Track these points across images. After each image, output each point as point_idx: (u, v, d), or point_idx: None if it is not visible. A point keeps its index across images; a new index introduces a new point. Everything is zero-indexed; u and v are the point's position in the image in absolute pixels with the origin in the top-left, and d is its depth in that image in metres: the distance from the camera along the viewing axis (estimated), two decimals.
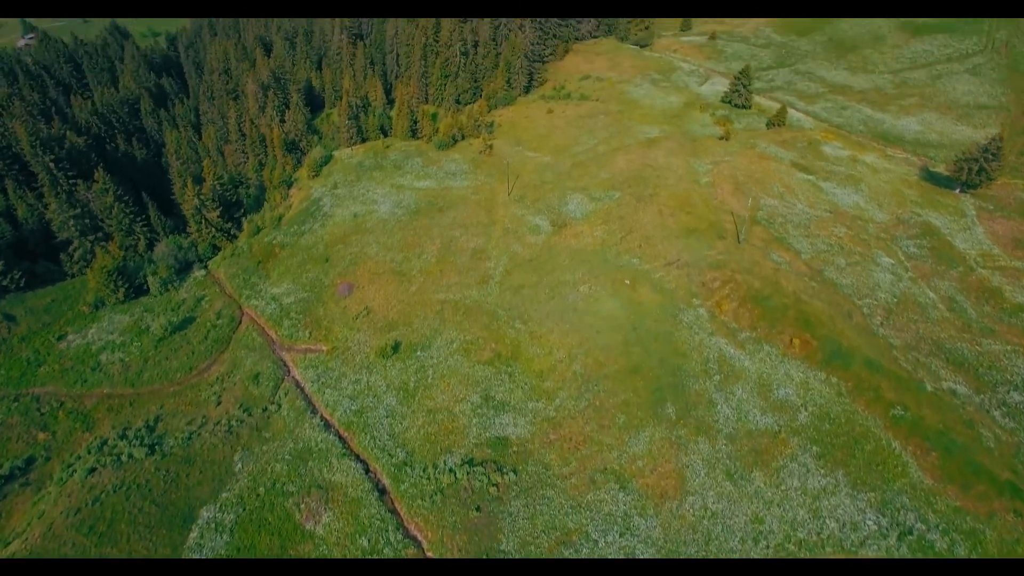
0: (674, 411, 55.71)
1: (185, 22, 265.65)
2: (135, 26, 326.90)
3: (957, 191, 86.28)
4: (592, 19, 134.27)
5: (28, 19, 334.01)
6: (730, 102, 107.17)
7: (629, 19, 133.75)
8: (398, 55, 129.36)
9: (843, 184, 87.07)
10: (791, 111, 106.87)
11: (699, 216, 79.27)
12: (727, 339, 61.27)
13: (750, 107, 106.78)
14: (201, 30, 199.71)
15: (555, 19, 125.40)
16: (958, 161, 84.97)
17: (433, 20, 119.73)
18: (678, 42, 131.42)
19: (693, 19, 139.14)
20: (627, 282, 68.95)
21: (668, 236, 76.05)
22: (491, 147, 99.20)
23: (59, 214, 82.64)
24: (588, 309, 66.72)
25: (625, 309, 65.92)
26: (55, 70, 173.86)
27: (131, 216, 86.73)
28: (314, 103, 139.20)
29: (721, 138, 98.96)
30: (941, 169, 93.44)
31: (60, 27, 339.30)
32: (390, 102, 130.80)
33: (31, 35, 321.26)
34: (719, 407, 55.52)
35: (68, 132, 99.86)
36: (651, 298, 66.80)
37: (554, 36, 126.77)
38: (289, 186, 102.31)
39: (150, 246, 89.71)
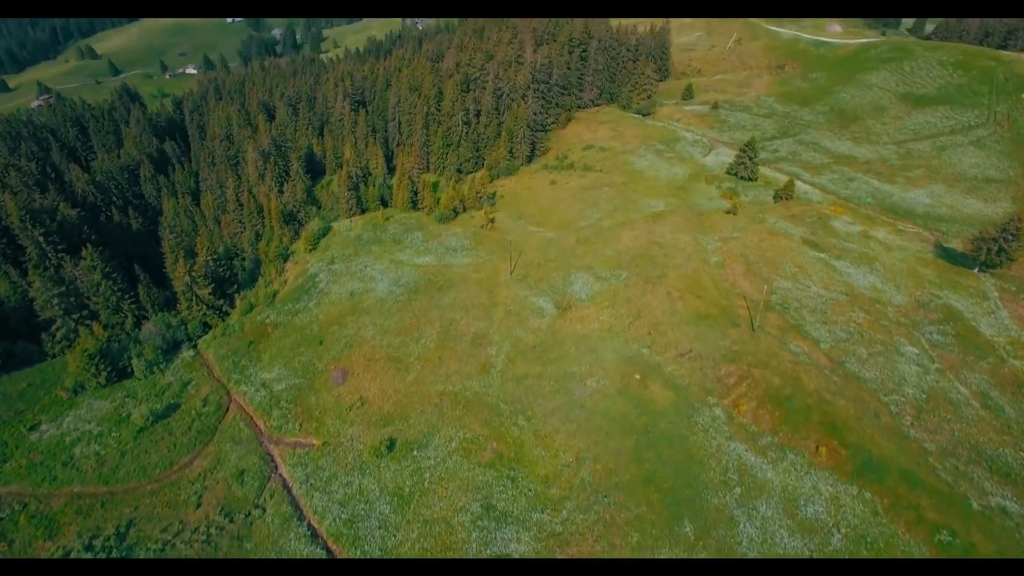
0: (692, 530, 50.71)
1: (192, 84, 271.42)
2: (145, 87, 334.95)
3: (976, 271, 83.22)
4: (594, 87, 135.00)
5: (43, 81, 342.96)
6: (736, 174, 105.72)
7: (631, 87, 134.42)
8: (400, 123, 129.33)
9: (857, 263, 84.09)
10: (798, 183, 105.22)
11: (710, 300, 75.89)
12: (747, 444, 56.73)
13: (756, 179, 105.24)
14: (207, 93, 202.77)
15: (558, 87, 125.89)
16: (976, 240, 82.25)
17: (435, 91, 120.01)
18: (680, 111, 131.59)
19: (694, 88, 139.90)
20: (637, 377, 64.89)
21: (678, 322, 72.44)
22: (493, 221, 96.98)
23: (43, 292, 79.46)
24: (596, 407, 62.42)
25: (636, 408, 61.62)
26: (61, 133, 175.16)
27: (119, 294, 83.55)
28: (315, 169, 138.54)
29: (728, 212, 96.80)
30: (955, 245, 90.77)
31: (73, 88, 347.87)
32: (391, 170, 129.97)
33: (45, 96, 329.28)
34: (741, 526, 50.53)
35: (61, 204, 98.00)
36: (663, 395, 62.59)
37: (556, 105, 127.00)
38: (285, 259, 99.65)
39: (138, 324, 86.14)
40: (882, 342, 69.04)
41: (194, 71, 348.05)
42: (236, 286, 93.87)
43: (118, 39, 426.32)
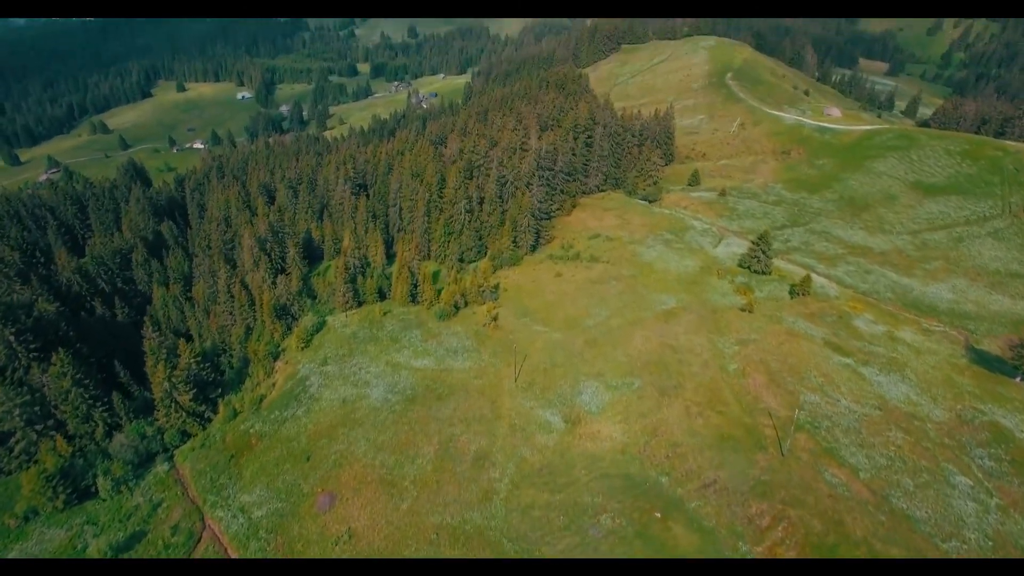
0: None
1: (199, 160, 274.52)
2: (152, 161, 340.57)
3: (1018, 380, 77.09)
4: (599, 172, 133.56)
5: (53, 156, 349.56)
6: (749, 267, 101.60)
7: (637, 172, 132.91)
8: (401, 208, 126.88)
9: (886, 369, 78.17)
10: (814, 275, 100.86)
11: (732, 417, 69.49)
12: None
13: (770, 273, 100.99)
14: (210, 171, 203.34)
15: (563, 174, 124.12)
16: (1016, 347, 76.65)
17: (438, 178, 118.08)
18: (688, 198, 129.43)
19: (700, 173, 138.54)
20: (657, 515, 57.64)
21: (700, 445, 65.75)
22: (496, 319, 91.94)
23: (3, 401, 73.23)
24: (612, 552, 54.86)
25: (658, 555, 54.06)
26: (61, 211, 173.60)
27: (90, 402, 77.27)
28: (313, 255, 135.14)
29: (743, 309, 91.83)
30: (988, 347, 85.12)
31: (82, 162, 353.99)
32: (390, 256, 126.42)
33: (54, 170, 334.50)
34: None
35: (40, 299, 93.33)
36: (688, 539, 55.18)
37: (561, 191, 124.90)
38: (276, 358, 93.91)
39: (109, 433, 79.37)
40: (928, 470, 62.08)
41: (201, 146, 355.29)
42: (220, 389, 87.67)
43: (131, 114, 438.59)
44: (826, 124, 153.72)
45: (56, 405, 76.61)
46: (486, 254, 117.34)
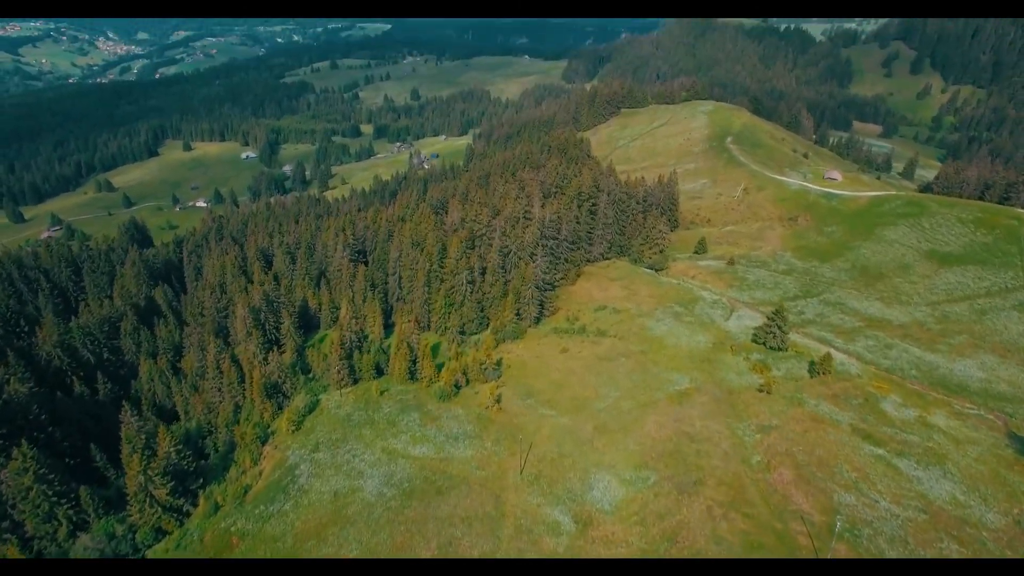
0: None
1: (196, 222, 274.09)
2: (155, 219, 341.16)
3: None
4: (604, 240, 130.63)
5: (56, 213, 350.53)
6: (764, 343, 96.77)
7: (642, 240, 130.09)
8: (400, 278, 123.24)
9: (924, 462, 72.04)
10: (831, 350, 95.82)
11: (760, 520, 63.04)
12: None
13: (786, 349, 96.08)
14: (209, 233, 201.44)
15: (567, 243, 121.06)
16: None
17: (439, 247, 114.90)
18: (695, 266, 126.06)
19: (707, 240, 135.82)
20: None
21: (726, 553, 59.05)
22: (499, 401, 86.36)
23: None
24: None
25: None
26: (55, 274, 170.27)
27: (53, 499, 70.68)
28: (309, 324, 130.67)
29: (761, 390, 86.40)
30: None
31: (85, 220, 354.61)
32: (389, 326, 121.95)
33: (56, 227, 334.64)
34: None
35: (13, 378, 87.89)
36: None
37: (565, 260, 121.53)
38: (264, 442, 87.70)
39: (75, 532, 72.37)
40: None
41: (204, 204, 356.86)
42: (202, 479, 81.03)
43: (137, 173, 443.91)
44: (833, 190, 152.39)
45: (14, 504, 69.96)
46: (488, 326, 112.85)
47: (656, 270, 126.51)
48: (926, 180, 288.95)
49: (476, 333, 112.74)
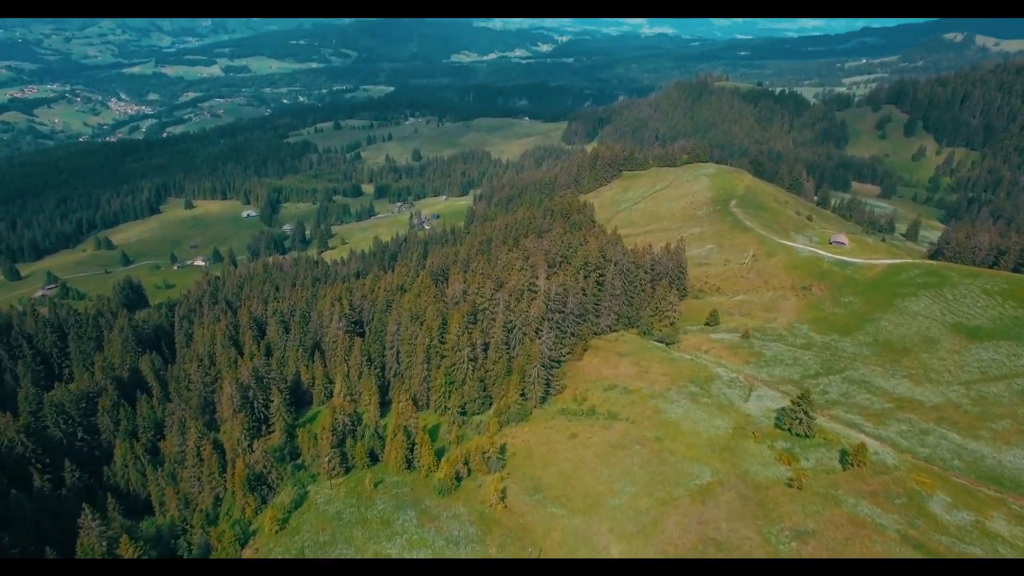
0: None
1: (193, 281, 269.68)
2: (151, 278, 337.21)
3: None
4: (611, 312, 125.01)
5: (52, 271, 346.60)
6: (789, 429, 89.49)
7: (651, 312, 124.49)
8: (398, 352, 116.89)
9: None
10: (863, 436, 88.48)
11: None
12: None
13: (814, 435, 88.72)
14: (203, 296, 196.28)
15: (573, 316, 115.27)
16: None
17: (439, 321, 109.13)
18: (708, 340, 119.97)
19: (719, 312, 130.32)
20: None
21: None
22: (504, 498, 78.41)
23: None
24: None
25: None
26: (38, 340, 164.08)
27: None
28: (301, 398, 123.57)
29: (790, 484, 78.61)
30: None
31: (81, 278, 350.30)
32: (385, 403, 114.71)
33: (51, 286, 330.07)
34: None
35: None
36: None
37: (572, 334, 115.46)
38: (243, 544, 79.05)
39: None
40: None
41: (202, 263, 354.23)
42: None
43: (137, 230, 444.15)
44: (845, 257, 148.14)
45: None
46: (491, 406, 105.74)
47: (667, 344, 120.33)
48: (930, 241, 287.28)
49: (478, 413, 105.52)
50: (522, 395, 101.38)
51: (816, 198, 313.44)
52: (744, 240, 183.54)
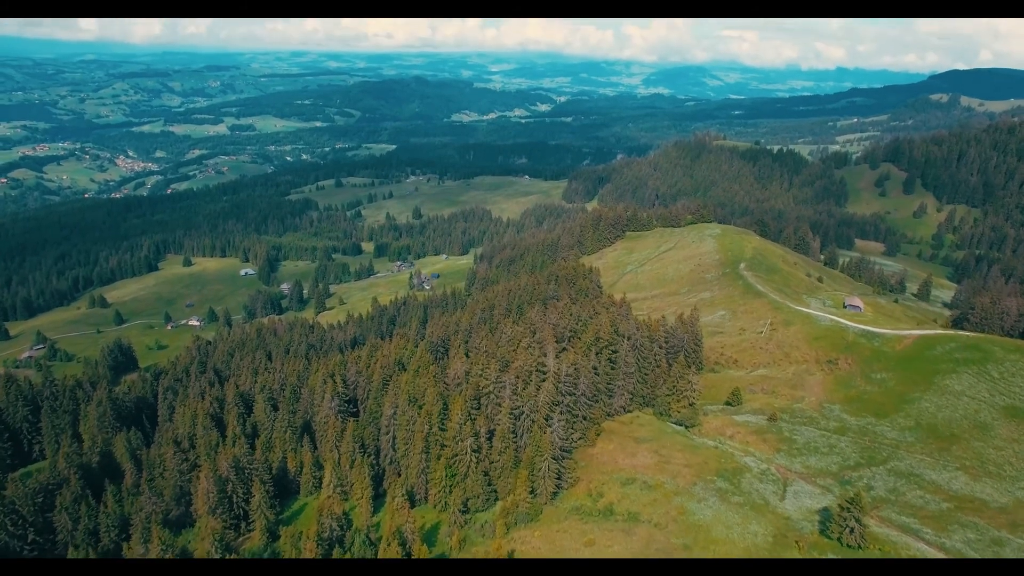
0: None
1: (183, 343, 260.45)
2: (144, 338, 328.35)
3: None
4: (625, 391, 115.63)
5: (42, 330, 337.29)
6: (838, 539, 78.65)
7: (668, 391, 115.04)
8: (395, 438, 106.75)
9: None
10: (922, 546, 77.63)
11: None
12: None
13: (867, 546, 77.84)
14: (191, 366, 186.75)
15: (585, 398, 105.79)
16: None
17: (440, 406, 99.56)
18: (732, 423, 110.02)
19: (741, 390, 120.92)
20: None
21: None
22: None
23: None
24: None
25: None
26: (9, 414, 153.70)
27: None
28: (288, 487, 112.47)
29: None
30: None
31: (72, 338, 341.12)
32: (379, 495, 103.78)
33: (39, 346, 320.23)
34: None
35: None
36: None
37: (584, 418, 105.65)
38: None
39: None
40: None
41: (197, 323, 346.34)
42: None
43: (133, 287, 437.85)
44: (871, 327, 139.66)
45: None
46: (497, 501, 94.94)
47: (687, 427, 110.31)
48: (942, 301, 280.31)
49: (483, 510, 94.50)
50: (531, 491, 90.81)
51: (822, 257, 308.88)
52: (757, 306, 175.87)
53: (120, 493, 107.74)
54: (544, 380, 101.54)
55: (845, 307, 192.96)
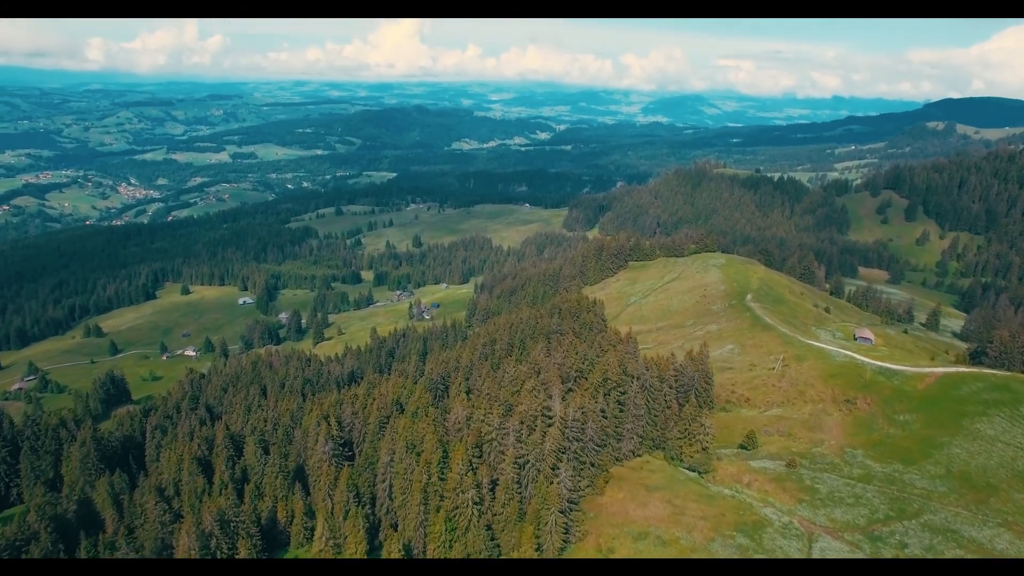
0: None
1: (178, 374, 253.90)
2: (138, 369, 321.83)
3: None
4: (634, 435, 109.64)
5: (35, 361, 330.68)
6: None
7: (680, 434, 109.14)
8: (391, 487, 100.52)
9: None
10: None
11: None
12: None
13: None
14: (182, 401, 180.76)
15: (593, 443, 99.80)
16: None
17: (440, 453, 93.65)
18: (748, 469, 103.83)
19: (756, 432, 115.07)
20: None
21: None
22: None
23: None
24: None
25: None
26: None
27: None
28: (276, 539, 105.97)
29: None
30: None
31: (65, 368, 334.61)
32: (374, 548, 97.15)
33: (30, 377, 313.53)
34: None
35: None
36: None
37: (591, 464, 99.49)
38: None
39: None
40: None
41: (192, 353, 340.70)
42: None
43: (130, 316, 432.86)
44: (888, 364, 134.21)
45: None
46: (500, 557, 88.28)
47: (700, 473, 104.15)
48: (952, 331, 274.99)
49: None
50: (537, 548, 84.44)
51: (828, 286, 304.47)
52: (767, 339, 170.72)
53: (96, 547, 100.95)
54: (550, 426, 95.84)
55: (856, 339, 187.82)
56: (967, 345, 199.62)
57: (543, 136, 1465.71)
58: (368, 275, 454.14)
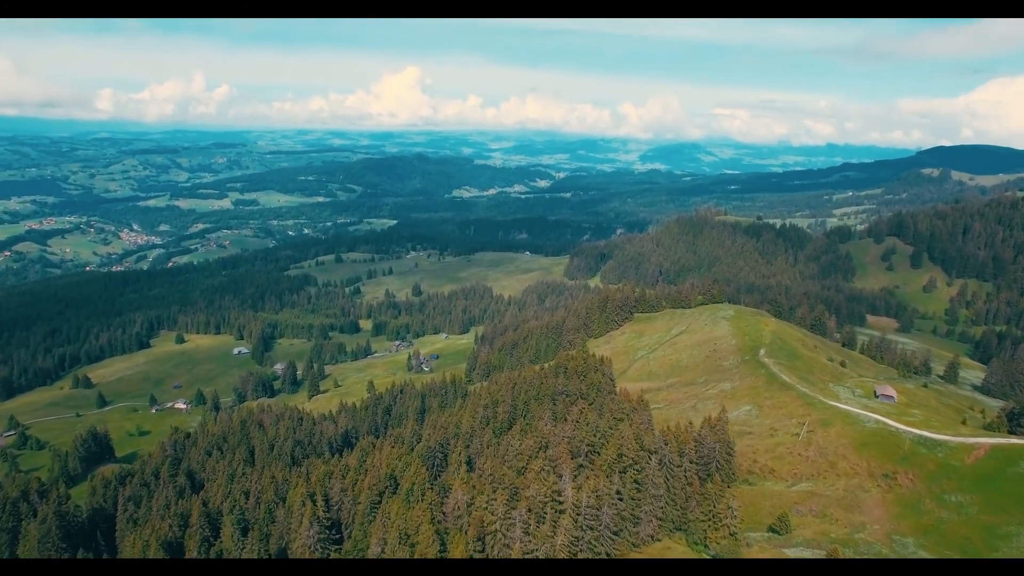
0: None
1: (166, 428, 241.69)
2: (125, 423, 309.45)
3: None
4: (653, 517, 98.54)
5: (16, 415, 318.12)
6: None
7: (703, 515, 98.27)
8: None
9: None
10: None
11: None
12: None
13: None
14: (160, 468, 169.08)
15: (608, 530, 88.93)
16: None
17: (437, 546, 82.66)
18: (781, 556, 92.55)
19: (788, 514, 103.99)
20: None
21: None
22: None
23: None
24: None
25: None
26: None
27: None
28: None
29: None
30: None
31: (48, 422, 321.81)
32: None
33: (9, 433, 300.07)
34: None
35: None
36: None
37: (607, 555, 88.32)
38: None
39: None
40: None
41: (183, 407, 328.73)
42: None
43: (121, 366, 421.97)
44: (928, 433, 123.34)
45: None
46: None
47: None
48: (971, 383, 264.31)
49: None
50: None
51: (838, 336, 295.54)
52: (786, 400, 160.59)
53: None
54: (561, 513, 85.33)
55: (877, 396, 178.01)
56: (999, 405, 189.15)
57: (543, 184, 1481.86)
58: (367, 324, 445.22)
